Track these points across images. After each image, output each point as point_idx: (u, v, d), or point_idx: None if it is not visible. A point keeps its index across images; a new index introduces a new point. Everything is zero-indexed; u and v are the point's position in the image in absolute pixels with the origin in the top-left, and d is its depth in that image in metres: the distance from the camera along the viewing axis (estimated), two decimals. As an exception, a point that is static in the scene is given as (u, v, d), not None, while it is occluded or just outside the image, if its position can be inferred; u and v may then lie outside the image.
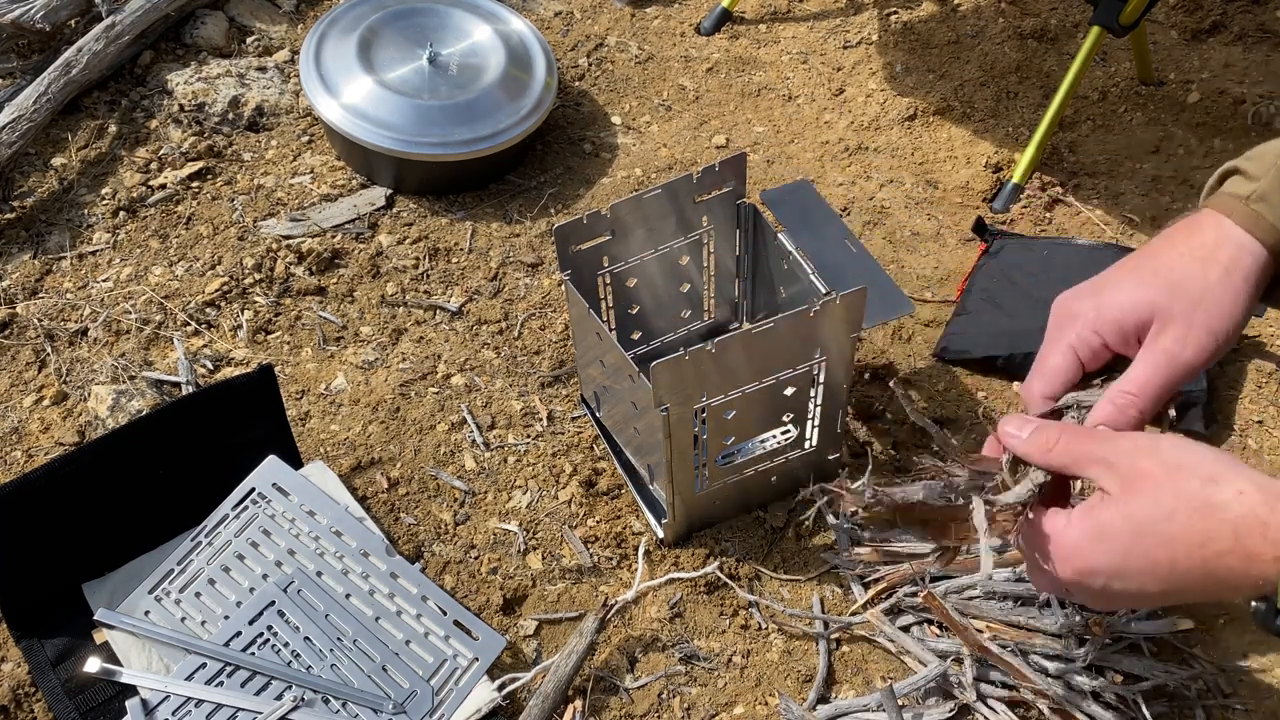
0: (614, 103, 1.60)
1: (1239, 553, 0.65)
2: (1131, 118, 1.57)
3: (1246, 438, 1.20)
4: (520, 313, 1.32)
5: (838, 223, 1.14)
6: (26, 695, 1.01)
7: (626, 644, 1.03)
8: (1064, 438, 0.74)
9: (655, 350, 1.22)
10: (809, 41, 1.70)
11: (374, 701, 0.97)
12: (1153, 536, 0.68)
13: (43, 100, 1.45)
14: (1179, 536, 0.67)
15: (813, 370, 1.02)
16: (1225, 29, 1.69)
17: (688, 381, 0.96)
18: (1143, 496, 0.69)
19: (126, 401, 1.21)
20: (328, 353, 1.28)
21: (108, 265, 1.36)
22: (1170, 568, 0.67)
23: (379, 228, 1.41)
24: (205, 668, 0.98)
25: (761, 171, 1.50)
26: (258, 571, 1.04)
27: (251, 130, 1.53)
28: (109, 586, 1.05)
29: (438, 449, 1.18)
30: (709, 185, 1.11)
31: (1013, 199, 1.43)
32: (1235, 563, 0.65)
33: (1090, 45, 1.43)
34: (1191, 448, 0.69)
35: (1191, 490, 0.67)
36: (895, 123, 1.56)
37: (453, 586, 1.08)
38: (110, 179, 1.45)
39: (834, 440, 1.10)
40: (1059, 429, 0.74)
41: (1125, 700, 0.96)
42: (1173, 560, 0.67)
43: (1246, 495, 0.65)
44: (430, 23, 1.52)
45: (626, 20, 1.73)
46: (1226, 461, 0.68)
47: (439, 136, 1.41)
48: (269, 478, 1.09)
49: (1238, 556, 0.65)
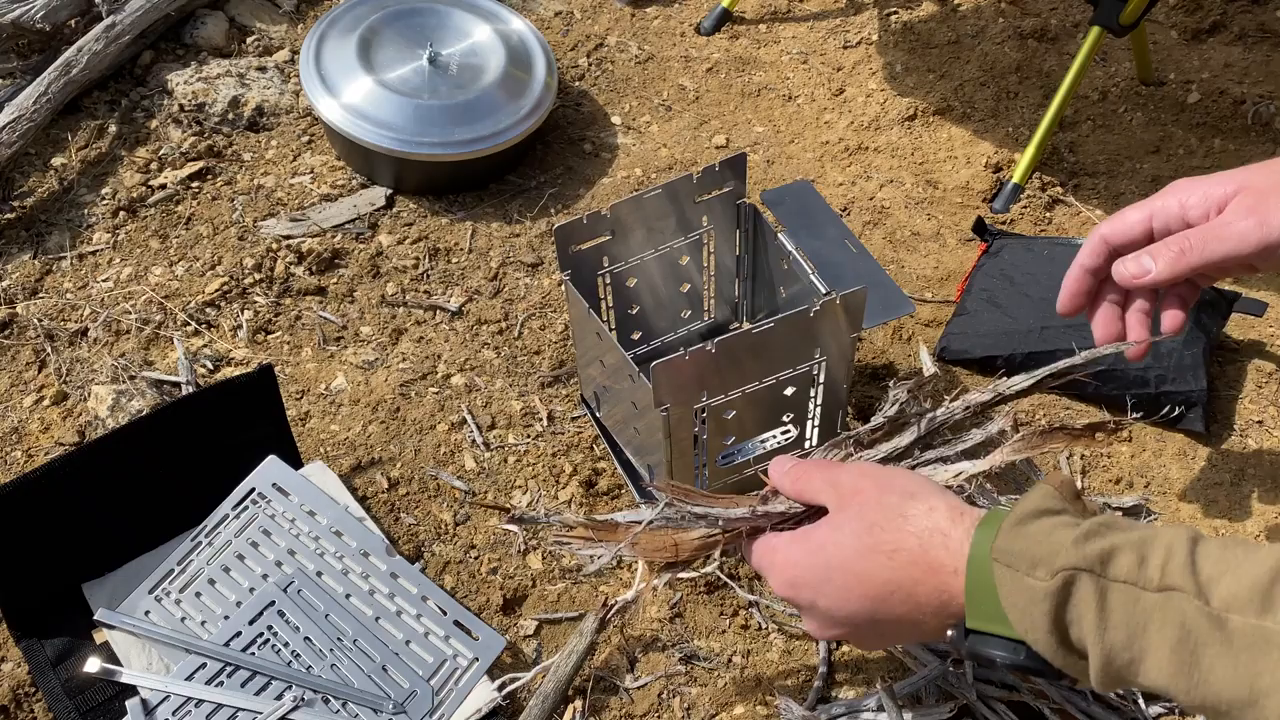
0: (614, 103, 1.60)
1: (923, 563, 0.69)
2: (1131, 118, 1.57)
3: (1246, 438, 1.20)
4: (520, 313, 1.32)
5: (838, 223, 1.14)
6: (26, 695, 1.01)
7: (626, 644, 1.03)
8: (798, 466, 0.80)
9: (655, 350, 1.22)
10: (809, 41, 1.70)
11: (374, 701, 0.97)
12: (852, 548, 0.72)
13: (43, 100, 1.45)
14: (875, 547, 0.71)
15: (813, 370, 1.02)
16: (1225, 29, 1.69)
17: (688, 381, 0.96)
18: (850, 512, 0.74)
19: (126, 401, 1.21)
20: (328, 353, 1.28)
21: (108, 265, 1.36)
22: (868, 580, 0.71)
23: (379, 228, 1.41)
24: (205, 668, 0.98)
25: (761, 171, 1.50)
26: (258, 571, 1.04)
27: (251, 130, 1.53)
28: (109, 586, 1.05)
29: (438, 449, 1.18)
30: (709, 185, 1.11)
31: (1013, 199, 1.43)
32: (920, 573, 0.69)
33: (1090, 45, 1.43)
34: (908, 475, 0.75)
35: (890, 504, 0.72)
36: (895, 123, 1.56)
37: (453, 586, 1.08)
38: (110, 179, 1.45)
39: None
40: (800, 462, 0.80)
41: (1126, 700, 0.96)
42: (868, 571, 0.71)
43: (936, 511, 0.70)
44: (430, 23, 1.52)
45: (626, 20, 1.73)
46: (930, 484, 0.73)
47: (439, 136, 1.41)
48: (269, 478, 1.09)
49: (922, 567, 0.69)
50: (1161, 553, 0.61)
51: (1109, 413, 1.22)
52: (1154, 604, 0.60)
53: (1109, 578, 0.61)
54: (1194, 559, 0.60)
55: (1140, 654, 0.60)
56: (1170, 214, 0.81)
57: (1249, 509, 1.14)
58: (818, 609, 0.75)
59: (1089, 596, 0.61)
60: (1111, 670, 0.61)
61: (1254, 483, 1.16)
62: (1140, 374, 1.18)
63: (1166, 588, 0.60)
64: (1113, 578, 0.61)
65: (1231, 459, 1.19)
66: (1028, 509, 0.67)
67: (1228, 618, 0.58)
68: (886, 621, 0.72)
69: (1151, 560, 0.61)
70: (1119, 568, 0.62)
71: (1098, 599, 0.61)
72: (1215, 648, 0.58)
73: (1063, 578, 0.62)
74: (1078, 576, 0.62)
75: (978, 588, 0.66)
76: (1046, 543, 0.64)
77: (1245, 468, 1.18)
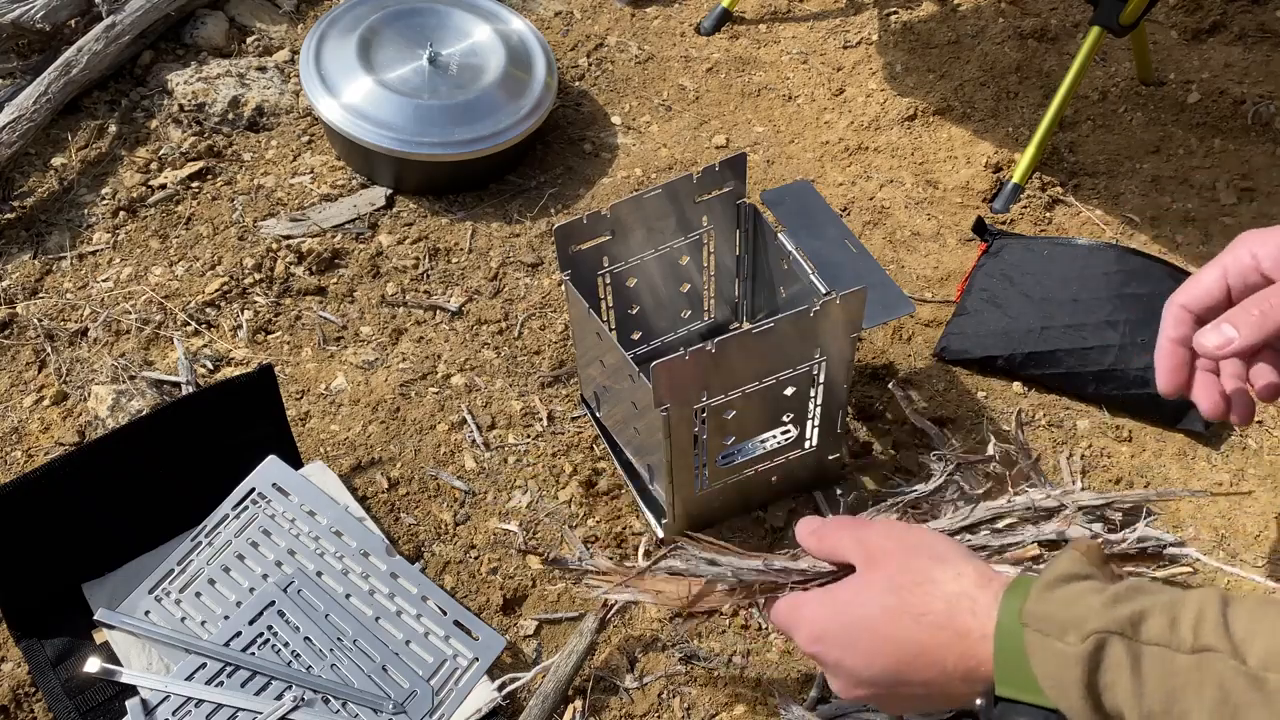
0: (614, 103, 1.60)
1: (950, 628, 0.68)
2: (1131, 118, 1.57)
3: (1246, 438, 1.20)
4: (520, 313, 1.32)
5: (838, 223, 1.14)
6: (26, 695, 1.01)
7: (626, 644, 1.03)
8: (825, 525, 0.80)
9: (655, 350, 1.22)
10: (809, 41, 1.70)
11: (374, 701, 0.97)
12: (880, 609, 0.71)
13: (43, 100, 1.45)
14: (902, 609, 0.70)
15: (813, 370, 1.02)
16: (1225, 29, 1.69)
17: (688, 381, 0.96)
18: (878, 572, 0.73)
19: (126, 401, 1.21)
20: (328, 353, 1.28)
21: (108, 265, 1.36)
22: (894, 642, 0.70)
23: (379, 228, 1.41)
24: (205, 668, 0.98)
25: (761, 171, 1.50)
26: (258, 571, 1.04)
27: (251, 130, 1.53)
28: (109, 586, 1.05)
29: (438, 449, 1.18)
30: (709, 185, 1.11)
31: (1013, 199, 1.43)
32: (947, 638, 0.68)
33: (1090, 45, 1.43)
34: (936, 537, 0.75)
35: (919, 567, 0.71)
36: (895, 123, 1.56)
37: (453, 586, 1.08)
38: (110, 179, 1.45)
39: (834, 440, 1.10)
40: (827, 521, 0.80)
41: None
42: (895, 634, 0.70)
43: (964, 576, 0.69)
44: (430, 23, 1.52)
45: (626, 20, 1.73)
46: (959, 549, 0.73)
47: (439, 136, 1.41)
48: (269, 478, 1.09)
49: (949, 632, 0.68)
50: (1193, 614, 0.60)
51: (1109, 412, 1.22)
52: (1189, 666, 0.59)
53: (1141, 640, 0.60)
54: (1226, 619, 0.59)
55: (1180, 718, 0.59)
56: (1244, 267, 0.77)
57: (1249, 509, 1.14)
58: (844, 668, 0.74)
59: (1122, 660, 0.60)
60: None
61: (1254, 482, 1.16)
62: (1140, 374, 1.18)
63: (1202, 649, 0.59)
64: (1145, 640, 0.60)
65: (1231, 459, 1.19)
66: (1057, 574, 0.66)
67: (1266, 676, 0.57)
68: (914, 684, 0.71)
69: (1183, 621, 0.60)
70: (1151, 630, 0.60)
71: (1131, 663, 0.60)
72: (1257, 709, 0.57)
73: (1094, 641, 0.61)
74: (1109, 640, 0.61)
75: (1007, 654, 0.65)
76: (1076, 606, 0.63)
77: (1245, 468, 1.18)
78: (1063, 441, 1.20)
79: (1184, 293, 0.79)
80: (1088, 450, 1.19)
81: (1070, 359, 1.21)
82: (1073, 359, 1.21)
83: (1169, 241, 1.40)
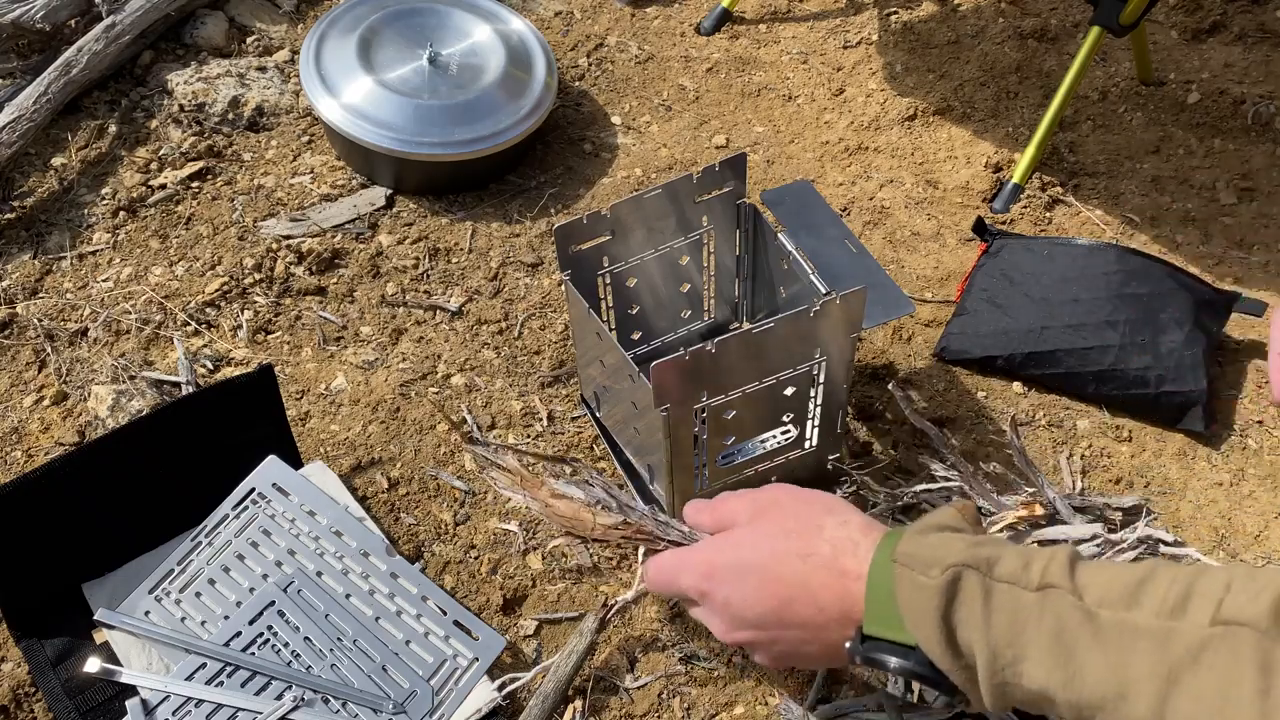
0: (614, 103, 1.60)
1: (833, 568, 0.73)
2: (1131, 118, 1.57)
3: (1246, 438, 1.20)
4: (520, 313, 1.32)
5: (838, 223, 1.14)
6: (26, 695, 1.01)
7: (626, 644, 1.03)
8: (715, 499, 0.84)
9: (655, 350, 1.22)
10: (809, 41, 1.70)
11: (374, 701, 0.97)
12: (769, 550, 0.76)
13: (43, 100, 1.45)
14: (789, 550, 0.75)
15: (813, 370, 1.02)
16: (1225, 29, 1.69)
17: (688, 381, 0.96)
18: (768, 519, 0.78)
19: (126, 401, 1.21)
20: (328, 353, 1.28)
21: (108, 265, 1.36)
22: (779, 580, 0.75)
23: (379, 228, 1.41)
24: (205, 668, 0.98)
25: (761, 171, 1.50)
26: (258, 571, 1.04)
27: (251, 130, 1.53)
28: (109, 586, 1.05)
29: (438, 449, 1.18)
30: (709, 185, 1.11)
31: (1013, 199, 1.43)
32: (828, 577, 0.73)
33: (1090, 45, 1.43)
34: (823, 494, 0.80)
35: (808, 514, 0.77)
36: (895, 123, 1.56)
37: (453, 586, 1.08)
38: (110, 179, 1.45)
39: (834, 440, 1.10)
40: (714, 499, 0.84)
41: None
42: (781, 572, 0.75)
43: (850, 524, 0.75)
44: (430, 23, 1.52)
45: (626, 20, 1.73)
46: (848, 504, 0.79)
47: (439, 136, 1.41)
48: (269, 478, 1.09)
49: (831, 572, 0.73)
50: (1044, 558, 0.66)
51: (1109, 412, 1.22)
52: (1034, 601, 0.64)
53: (994, 577, 0.66)
54: (1073, 565, 0.65)
55: (1021, 652, 0.64)
56: None
57: (1249, 509, 1.14)
58: (730, 607, 0.78)
59: (975, 593, 0.65)
60: (997, 673, 0.65)
61: (1254, 483, 1.17)
62: (1140, 374, 1.19)
63: (1046, 586, 0.64)
64: (998, 577, 0.66)
65: (1231, 459, 1.19)
66: (931, 523, 0.72)
67: (1098, 612, 0.62)
68: (793, 625, 0.75)
69: (1034, 564, 0.66)
70: (1004, 569, 0.66)
71: (983, 596, 0.65)
72: (1087, 640, 0.62)
73: (952, 573, 0.66)
74: (965, 573, 0.66)
75: (877, 590, 0.70)
76: (942, 548, 0.68)
77: (1245, 468, 1.18)
78: (1063, 441, 1.20)
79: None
80: (1088, 450, 1.19)
81: (1070, 359, 1.21)
82: (1073, 359, 1.21)
83: (1169, 241, 1.40)
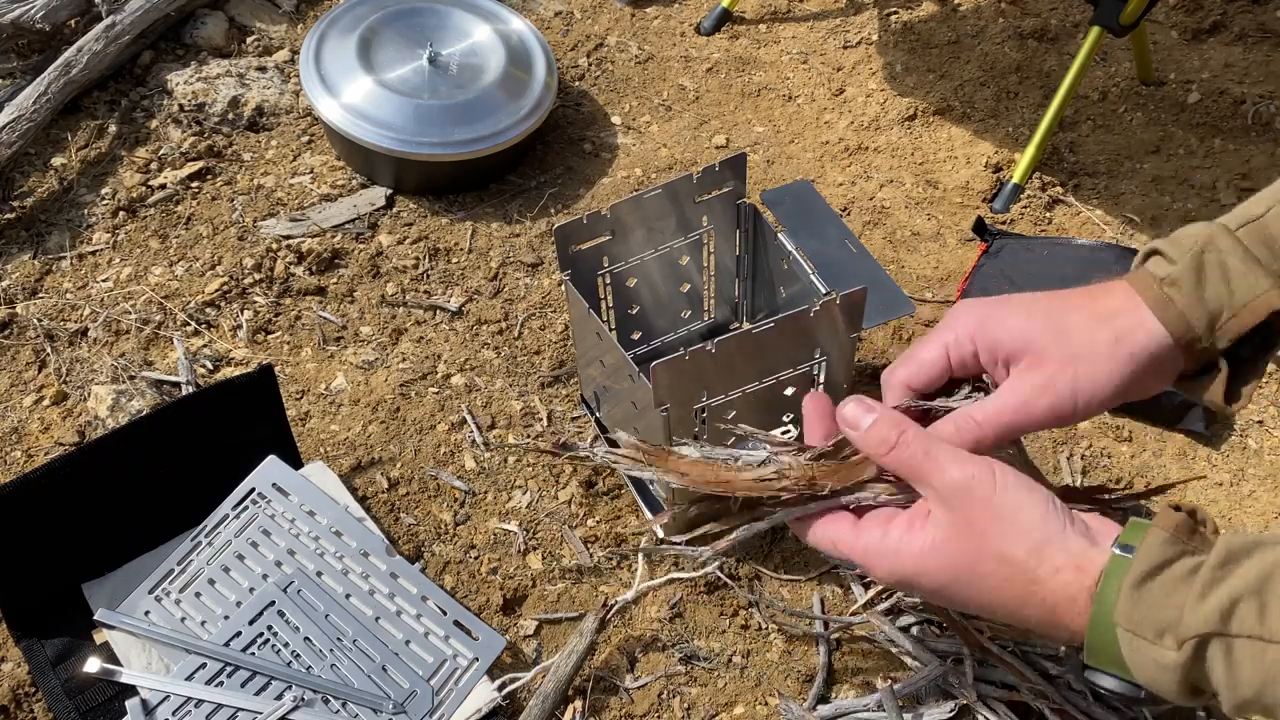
0: (614, 103, 1.60)
1: (1050, 622, 0.68)
2: (1131, 118, 1.57)
3: (1247, 438, 1.20)
4: (520, 313, 1.32)
5: (838, 223, 1.14)
6: (26, 695, 1.01)
7: (626, 644, 1.03)
8: (904, 441, 0.72)
9: (655, 350, 1.22)
10: (809, 41, 1.70)
11: (374, 701, 0.97)
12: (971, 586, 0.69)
13: (43, 100, 1.45)
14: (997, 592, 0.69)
15: (813, 370, 1.02)
16: (1225, 29, 1.69)
17: (688, 381, 0.96)
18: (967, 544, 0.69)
19: (126, 401, 1.21)
20: (328, 353, 1.28)
21: (108, 265, 1.36)
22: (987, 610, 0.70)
23: (379, 228, 1.41)
24: (205, 668, 0.98)
25: (761, 171, 1.50)
26: (258, 571, 1.04)
27: (251, 130, 1.53)
28: (109, 586, 1.05)
29: (438, 449, 1.18)
30: (709, 185, 1.11)
31: (1013, 199, 1.43)
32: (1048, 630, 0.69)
33: (1090, 45, 1.43)
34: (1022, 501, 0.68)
35: (1016, 558, 0.68)
36: (895, 123, 1.56)
37: (453, 586, 1.08)
38: (110, 179, 1.45)
39: (834, 440, 1.10)
40: (899, 428, 0.72)
41: (1125, 700, 0.96)
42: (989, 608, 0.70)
43: (1062, 574, 0.67)
44: (430, 23, 1.52)
45: (626, 20, 1.73)
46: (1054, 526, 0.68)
47: (439, 136, 1.41)
48: (269, 478, 1.09)
49: (1049, 625, 0.68)
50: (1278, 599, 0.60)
51: (1109, 412, 1.22)
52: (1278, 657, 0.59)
53: (1232, 634, 0.61)
54: None
55: (1274, 703, 0.60)
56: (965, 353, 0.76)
57: (1249, 509, 1.14)
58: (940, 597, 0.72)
59: (1216, 654, 0.61)
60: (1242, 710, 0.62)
61: (1254, 483, 1.17)
62: (1140, 374, 1.18)
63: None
64: (1236, 633, 0.61)
65: (1231, 459, 1.19)
66: (1148, 565, 0.64)
67: None
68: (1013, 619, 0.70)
69: (1271, 608, 0.60)
70: (1241, 622, 0.61)
71: (1224, 654, 0.61)
72: None
73: (1191, 646, 0.61)
74: (1206, 642, 0.61)
75: (1101, 643, 0.65)
76: (1169, 606, 0.62)
77: (1245, 468, 1.18)
78: (1063, 441, 1.20)
79: (905, 367, 0.78)
80: (1088, 450, 1.19)
81: (1070, 359, 1.21)
82: (1073, 359, 1.21)
83: (1169, 241, 1.40)
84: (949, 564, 0.70)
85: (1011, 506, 0.68)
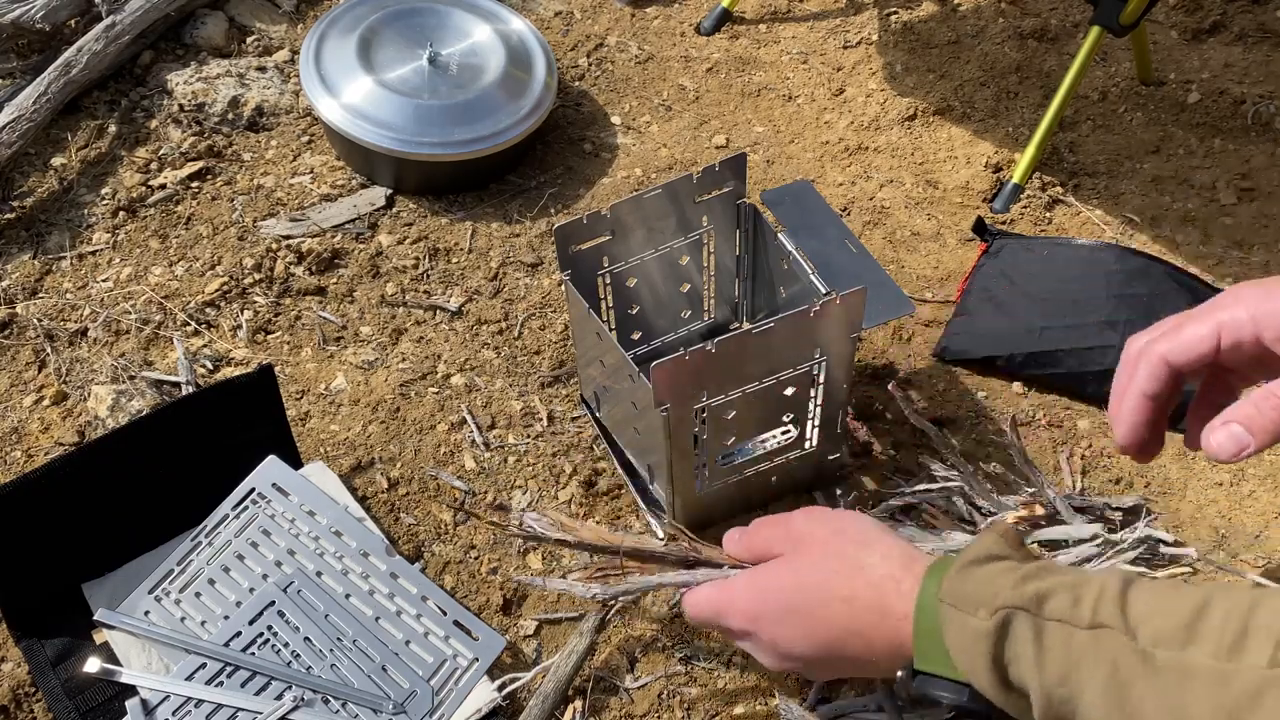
0: (614, 103, 1.60)
1: (877, 608, 0.73)
2: (1131, 118, 1.57)
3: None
4: (520, 313, 1.32)
5: (838, 223, 1.14)
6: (26, 695, 1.01)
7: (626, 644, 1.03)
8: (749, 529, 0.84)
9: (655, 350, 1.22)
10: (809, 41, 1.70)
11: (374, 701, 0.97)
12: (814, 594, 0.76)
13: (43, 100, 1.45)
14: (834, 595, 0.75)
15: (813, 370, 1.02)
16: (1225, 29, 1.69)
17: (688, 381, 0.96)
18: (807, 557, 0.78)
19: (126, 401, 1.21)
20: (328, 353, 1.28)
21: (108, 265, 1.36)
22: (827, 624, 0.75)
23: (379, 228, 1.41)
24: (205, 668, 0.98)
25: (761, 171, 1.50)
26: (258, 571, 1.04)
27: (251, 130, 1.53)
28: (109, 586, 1.05)
29: (438, 449, 1.18)
30: (709, 185, 1.11)
31: (1013, 199, 1.43)
32: (875, 619, 0.73)
33: (1090, 45, 1.43)
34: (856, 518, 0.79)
35: (846, 552, 0.76)
36: (895, 123, 1.56)
37: (453, 586, 1.08)
38: (110, 179, 1.45)
39: (834, 440, 1.10)
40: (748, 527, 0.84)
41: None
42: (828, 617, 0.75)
43: (890, 558, 0.74)
44: (430, 23, 1.52)
45: (626, 20, 1.73)
46: (881, 529, 0.77)
47: (439, 136, 1.41)
48: (269, 478, 1.09)
49: (877, 613, 0.73)
50: (1094, 592, 0.63)
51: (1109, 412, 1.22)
52: (1086, 640, 0.62)
53: (1044, 616, 0.64)
54: (1125, 598, 0.63)
55: (1076, 691, 0.62)
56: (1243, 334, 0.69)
57: (1249, 509, 1.14)
58: (778, 646, 0.79)
59: (1026, 634, 0.64)
60: (1051, 711, 0.64)
61: (1254, 483, 1.16)
62: (1140, 374, 1.18)
63: (1098, 625, 0.62)
64: (1048, 616, 0.64)
65: (1231, 459, 1.19)
66: (975, 555, 0.70)
67: (1154, 653, 0.60)
68: (841, 660, 0.76)
69: (1085, 599, 0.63)
70: (1054, 607, 0.64)
71: (1034, 636, 0.64)
72: (1143, 682, 0.60)
73: (1001, 616, 0.65)
74: (1015, 615, 0.65)
75: (925, 630, 0.69)
76: (989, 585, 0.67)
77: (1245, 468, 1.18)
78: (1063, 441, 1.20)
79: (1167, 341, 0.72)
80: (1088, 450, 1.19)
81: (1070, 359, 1.21)
82: (1073, 359, 1.21)
83: (1169, 241, 1.40)
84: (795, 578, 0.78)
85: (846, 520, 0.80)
